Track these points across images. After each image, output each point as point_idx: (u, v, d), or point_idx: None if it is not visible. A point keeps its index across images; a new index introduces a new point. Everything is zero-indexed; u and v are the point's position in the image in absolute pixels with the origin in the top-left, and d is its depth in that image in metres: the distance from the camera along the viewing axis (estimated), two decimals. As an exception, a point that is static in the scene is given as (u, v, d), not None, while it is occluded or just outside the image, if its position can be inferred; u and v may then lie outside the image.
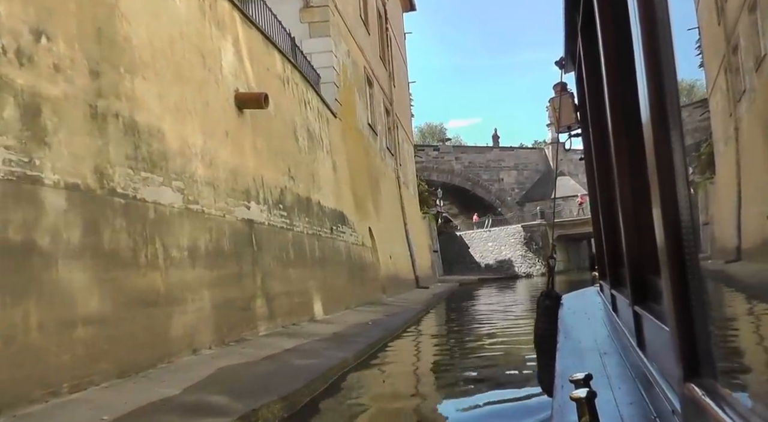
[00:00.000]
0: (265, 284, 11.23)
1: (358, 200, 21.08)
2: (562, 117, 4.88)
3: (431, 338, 14.42)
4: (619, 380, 2.24)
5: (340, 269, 16.71)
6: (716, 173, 1.31)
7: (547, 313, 4.47)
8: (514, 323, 14.79)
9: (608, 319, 3.65)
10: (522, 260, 54.55)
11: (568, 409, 1.68)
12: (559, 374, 2.58)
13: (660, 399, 1.69)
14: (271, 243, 11.89)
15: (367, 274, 20.17)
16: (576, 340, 3.41)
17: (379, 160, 27.97)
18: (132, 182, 7.53)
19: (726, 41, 1.15)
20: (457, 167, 65.88)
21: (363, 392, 7.84)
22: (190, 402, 5.80)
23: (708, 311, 1.15)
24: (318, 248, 14.98)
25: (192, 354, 8.26)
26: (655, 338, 1.89)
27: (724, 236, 1.31)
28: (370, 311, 15.98)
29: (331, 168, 17.80)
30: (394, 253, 26.97)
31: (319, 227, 15.43)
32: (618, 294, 3.09)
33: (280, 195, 12.83)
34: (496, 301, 26.01)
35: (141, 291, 7.48)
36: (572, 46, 4.16)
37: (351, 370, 8.63)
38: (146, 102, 8.05)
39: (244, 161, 11.22)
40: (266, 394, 6.06)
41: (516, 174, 68.16)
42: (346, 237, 18.12)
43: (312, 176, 15.57)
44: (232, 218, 10.35)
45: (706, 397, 1.05)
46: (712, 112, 1.27)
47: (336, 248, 16.77)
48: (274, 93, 13.30)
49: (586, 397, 1.43)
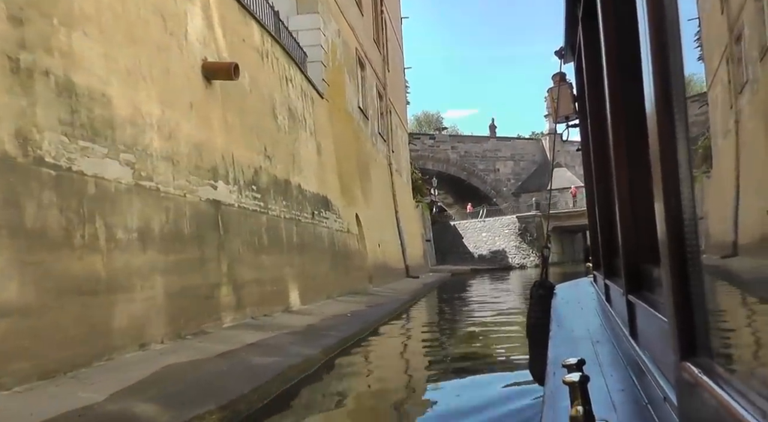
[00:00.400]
0: (233, 271, 10.27)
1: (345, 186, 20.10)
2: (560, 107, 4.94)
3: (413, 333, 13.42)
4: (611, 367, 2.26)
5: (321, 256, 15.72)
6: (713, 166, 1.27)
7: (540, 302, 4.46)
8: (507, 318, 13.76)
9: (601, 309, 3.68)
10: (516, 251, 54.01)
11: (560, 395, 1.73)
12: (551, 361, 2.61)
13: (651, 387, 1.75)
14: (241, 227, 10.92)
15: (352, 262, 19.19)
16: (569, 329, 3.44)
17: (369, 145, 26.97)
18: (67, 152, 6.55)
19: (729, 31, 1.09)
20: (453, 157, 65.36)
21: (324, 399, 6.83)
22: (112, 412, 4.85)
23: (705, 294, 1.13)
24: (296, 234, 14.00)
25: (139, 349, 7.30)
26: (648, 326, 1.93)
27: (720, 231, 1.25)
28: (352, 301, 15.04)
29: (314, 150, 16.80)
30: (384, 241, 26.02)
31: (299, 211, 14.44)
32: (612, 284, 3.12)
33: (253, 176, 11.85)
34: (489, 292, 25.11)
35: (75, 277, 6.52)
36: (572, 36, 4.19)
37: (317, 371, 7.63)
38: (87, 61, 7.05)
39: (212, 136, 10.24)
40: (204, 402, 5.11)
41: (512, 165, 67.71)
42: (329, 223, 17.13)
43: (292, 157, 14.57)
44: (195, 198, 9.38)
45: (702, 375, 1.05)
46: (711, 105, 1.24)
47: (317, 235, 15.79)
48: (250, 66, 12.33)
49: (579, 381, 1.40)
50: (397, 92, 39.04)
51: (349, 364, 8.52)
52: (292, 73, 15.37)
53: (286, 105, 14.59)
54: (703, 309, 1.13)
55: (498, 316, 14.24)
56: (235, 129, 11.24)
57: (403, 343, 11.73)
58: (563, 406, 1.56)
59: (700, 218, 1.19)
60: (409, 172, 43.87)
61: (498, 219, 56.75)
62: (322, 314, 11.81)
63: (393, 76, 36.63)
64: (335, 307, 13.31)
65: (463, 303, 20.50)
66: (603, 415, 1.57)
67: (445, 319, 16.13)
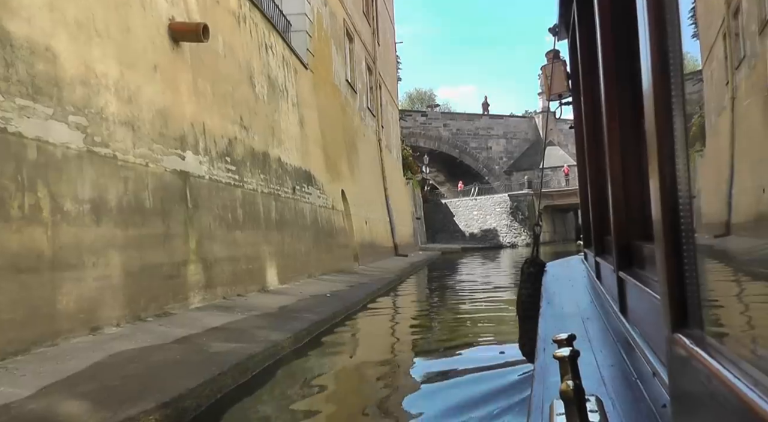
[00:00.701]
0: (203, 248, 9.54)
1: (330, 160, 19.32)
2: (553, 85, 4.94)
3: (395, 314, 12.63)
4: (600, 343, 2.26)
5: (302, 233, 14.98)
6: (706, 145, 1.21)
7: (530, 279, 4.42)
8: (497, 304, 12.85)
9: (591, 286, 3.70)
10: (507, 230, 53.70)
11: (550, 370, 1.82)
12: (541, 337, 2.61)
13: (641, 362, 1.81)
14: (212, 201, 10.17)
15: (337, 240, 18.45)
16: (559, 306, 3.42)
17: (358, 119, 26.15)
18: (1, 110, 5.79)
19: (726, 5, 1.07)
20: (445, 134, 64.98)
21: (290, 392, 6.05)
22: (33, 411, 4.14)
23: (697, 267, 1.12)
24: (275, 210, 13.24)
25: (90, 333, 6.59)
26: (638, 302, 1.97)
27: (713, 210, 1.20)
28: (335, 280, 14.35)
29: (297, 122, 15.99)
30: (371, 219, 25.30)
31: (278, 185, 13.67)
32: (602, 261, 3.14)
33: (227, 146, 11.07)
34: (479, 272, 24.47)
35: (10, 252, 5.77)
36: (566, 14, 4.18)
37: (282, 360, 6.86)
38: (26, 10, 6.25)
39: (179, 102, 9.45)
40: (143, 398, 4.40)
41: (505, 143, 67.44)
42: (312, 199, 16.36)
43: (272, 128, 13.77)
44: (159, 169, 8.62)
45: (694, 345, 1.05)
46: (705, 81, 1.19)
47: (299, 211, 15.02)
48: (225, 30, 11.53)
49: (569, 356, 1.38)
50: (388, 67, 38.10)
51: (322, 353, 7.76)
52: (272, 41, 14.54)
53: (266, 74, 13.77)
54: (695, 282, 1.12)
55: (488, 302, 13.39)
56: (207, 96, 10.45)
57: (385, 326, 10.97)
58: (553, 381, 1.53)
59: (693, 197, 1.16)
60: (400, 149, 43.06)
61: (490, 197, 56.44)
62: (299, 295, 11.11)
63: (383, 50, 35.69)
64: (315, 287, 12.61)
65: (451, 283, 19.79)
66: (593, 390, 1.55)
67: (430, 301, 15.36)
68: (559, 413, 1.39)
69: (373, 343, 9.27)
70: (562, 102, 5.37)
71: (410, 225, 39.98)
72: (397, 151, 41.37)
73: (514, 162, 65.86)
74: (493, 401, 5.05)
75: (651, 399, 1.60)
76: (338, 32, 23.43)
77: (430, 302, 15.00)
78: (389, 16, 40.47)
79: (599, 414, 1.42)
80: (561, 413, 1.37)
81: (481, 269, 25.51)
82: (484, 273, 22.98)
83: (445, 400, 5.42)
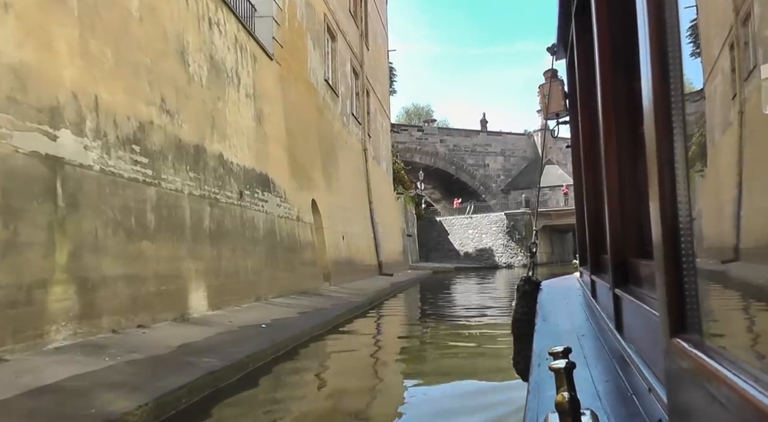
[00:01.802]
0: (80, 263, 7.00)
1: (298, 165, 16.81)
2: (551, 104, 4.95)
3: (343, 357, 9.21)
4: (596, 360, 2.24)
5: (251, 247, 12.39)
6: (708, 165, 1.16)
7: (525, 298, 4.32)
8: (495, 348, 9.30)
9: (587, 304, 3.68)
10: (503, 250, 51.47)
11: (545, 385, 1.80)
12: (536, 353, 2.62)
13: (636, 377, 1.78)
14: (104, 200, 7.63)
15: (301, 256, 15.85)
16: (554, 323, 3.40)
17: (339, 125, 23.71)
18: None
19: (735, 12, 1.01)
20: (442, 150, 63.22)
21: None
22: None
23: (696, 275, 1.09)
24: (211, 217, 10.68)
25: None
26: (634, 319, 1.98)
27: (717, 234, 1.14)
28: (289, 304, 11.79)
29: (252, 117, 13.49)
30: (351, 234, 22.77)
31: (218, 188, 11.14)
32: (598, 279, 3.14)
33: (137, 132, 8.55)
34: (471, 296, 21.88)
35: None
36: (565, 33, 4.20)
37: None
38: None
39: (52, 61, 6.95)
40: None
41: (502, 160, 65.57)
42: (269, 207, 13.79)
43: (212, 118, 11.26)
44: (8, 149, 6.13)
45: (692, 348, 1.04)
46: (708, 98, 1.14)
47: (247, 220, 12.43)
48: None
49: (564, 367, 1.36)
50: (378, 74, 35.73)
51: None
52: (220, 18, 12.09)
53: (207, 53, 11.30)
54: (694, 289, 1.10)
55: (481, 353, 9.52)
56: (105, 63, 7.96)
57: (313, 385, 7.36)
58: (548, 395, 1.54)
59: (693, 219, 1.10)
60: (391, 161, 40.62)
61: (486, 216, 54.32)
62: (226, 325, 8.55)
63: (373, 55, 33.37)
64: (256, 313, 10.04)
65: (435, 311, 16.90)
66: (588, 404, 1.51)
67: (399, 335, 12.07)
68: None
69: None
70: (559, 121, 5.31)
71: (399, 242, 37.44)
72: (388, 163, 38.94)
73: (511, 180, 63.78)
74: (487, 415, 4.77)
75: (647, 414, 1.57)
76: (317, 27, 21.07)
77: (394, 337, 11.94)
78: (381, 20, 38.19)
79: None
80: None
81: (476, 295, 22.66)
82: (479, 301, 19.48)
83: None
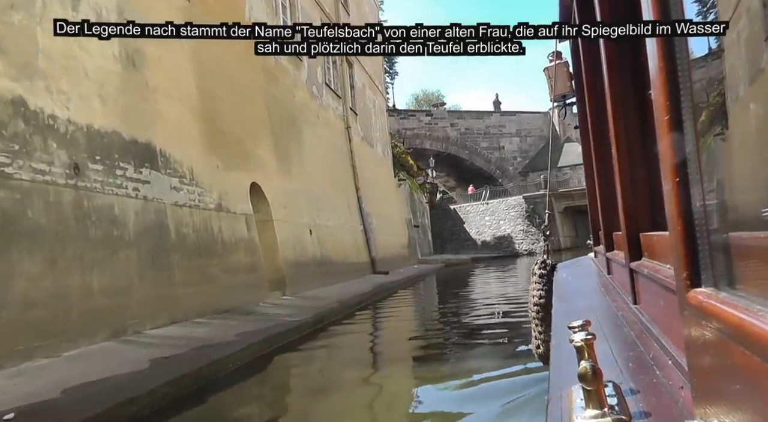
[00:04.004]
0: None
1: (224, 137, 12.50)
2: (557, 85, 5.07)
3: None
4: (614, 334, 2.27)
5: (105, 253, 8.03)
6: (729, 126, 1.09)
7: (542, 281, 4.33)
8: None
9: (602, 282, 3.71)
10: (524, 236, 47.31)
11: (567, 361, 1.77)
12: (555, 332, 2.69)
13: (656, 349, 1.81)
14: None
15: (227, 260, 11.42)
16: (571, 304, 3.43)
17: (303, 94, 19.41)
18: None
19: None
20: (453, 134, 59.28)
21: None
22: None
23: (709, 229, 1.12)
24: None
25: None
26: (650, 291, 2.01)
27: (741, 203, 1.10)
28: (159, 344, 7.46)
29: (113, 58, 9.15)
30: (325, 227, 18.47)
31: (10, 155, 6.86)
32: (613, 257, 3.21)
33: None
34: (486, 299, 17.56)
35: None
36: (567, 13, 4.23)
37: None
38: None
39: None
40: None
41: (518, 141, 61.41)
42: (152, 192, 9.43)
43: (20, 49, 7.00)
44: None
45: (708, 299, 1.06)
46: (727, 49, 1.08)
47: (97, 209, 8.00)
48: None
49: (585, 339, 1.36)
50: (366, 44, 31.35)
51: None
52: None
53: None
54: (706, 243, 1.11)
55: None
56: None
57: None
58: (570, 370, 1.52)
59: (710, 191, 1.10)
60: (389, 144, 36.30)
61: (503, 200, 50.09)
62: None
63: (356, 19, 28.99)
64: (60, 372, 5.72)
65: (426, 331, 12.29)
66: (609, 377, 1.52)
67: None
68: (578, 398, 1.40)
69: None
70: (566, 103, 5.33)
71: (403, 234, 33.09)
72: (385, 147, 34.59)
73: (529, 162, 59.41)
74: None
75: (668, 383, 1.58)
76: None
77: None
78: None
79: (617, 398, 1.41)
80: (580, 398, 1.37)
81: (497, 286, 18.02)
82: (496, 308, 14.44)
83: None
